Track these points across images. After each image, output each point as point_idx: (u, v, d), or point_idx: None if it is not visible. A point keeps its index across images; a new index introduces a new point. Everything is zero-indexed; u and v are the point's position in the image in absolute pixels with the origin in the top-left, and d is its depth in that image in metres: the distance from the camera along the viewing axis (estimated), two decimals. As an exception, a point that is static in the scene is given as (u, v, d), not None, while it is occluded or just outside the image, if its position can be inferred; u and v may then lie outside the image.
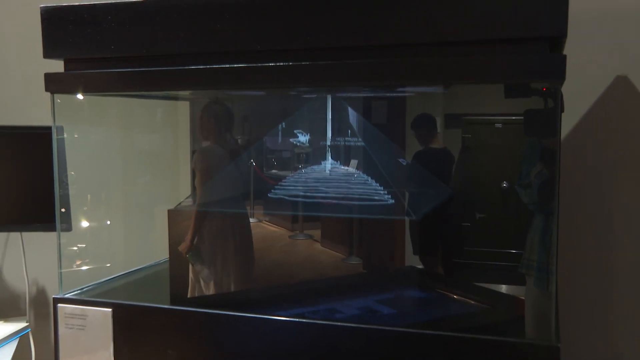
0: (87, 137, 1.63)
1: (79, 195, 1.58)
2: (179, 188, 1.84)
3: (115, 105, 1.65)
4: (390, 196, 1.48)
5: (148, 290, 1.64)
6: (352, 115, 1.59)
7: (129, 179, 1.82)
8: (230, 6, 1.21)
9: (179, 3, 1.25)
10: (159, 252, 1.70)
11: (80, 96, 1.45)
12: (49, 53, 1.38)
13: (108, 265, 1.65)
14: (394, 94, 1.55)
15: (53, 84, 1.38)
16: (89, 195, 1.67)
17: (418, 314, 1.50)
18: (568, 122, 1.68)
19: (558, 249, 1.17)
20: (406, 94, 1.55)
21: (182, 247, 1.52)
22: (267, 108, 1.73)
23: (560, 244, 1.18)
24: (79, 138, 1.57)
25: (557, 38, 1.04)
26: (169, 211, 1.50)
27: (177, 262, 1.51)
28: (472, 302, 1.45)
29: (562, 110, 1.25)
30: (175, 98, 1.81)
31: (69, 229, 1.58)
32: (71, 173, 1.51)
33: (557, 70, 1.04)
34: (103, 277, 1.56)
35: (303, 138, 1.61)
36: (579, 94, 1.64)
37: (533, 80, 1.17)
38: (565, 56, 1.03)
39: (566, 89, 1.22)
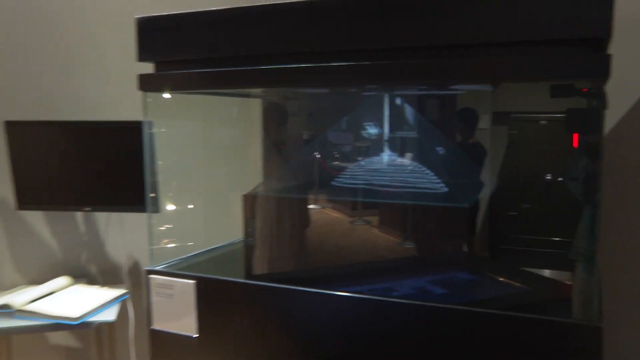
0: (173, 130, 1.65)
1: (166, 182, 1.61)
2: (252, 176, 1.85)
3: (197, 102, 1.67)
4: (442, 185, 1.45)
5: (225, 265, 1.66)
6: (408, 111, 1.57)
7: (209, 168, 1.84)
8: (298, 12, 1.21)
9: (253, 10, 1.26)
10: (234, 232, 1.72)
11: (167, 95, 1.48)
12: (142, 57, 1.40)
13: (191, 243, 1.67)
14: (447, 92, 1.52)
15: (145, 83, 1.41)
16: (174, 182, 1.70)
17: (468, 294, 1.46)
18: (611, 119, 1.60)
19: (601, 237, 1.11)
20: (457, 92, 1.51)
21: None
22: (330, 105, 1.73)
23: (605, 232, 1.12)
24: (166, 132, 1.59)
25: (602, 39, 0.99)
26: (244, 196, 1.51)
27: (252, 241, 1.53)
28: (518, 285, 1.41)
29: (606, 107, 1.19)
30: (249, 96, 1.82)
31: (157, 211, 1.61)
32: (159, 162, 1.53)
33: (602, 69, 0.98)
34: (186, 253, 1.58)
35: (372, 130, 1.59)
36: (622, 92, 1.56)
37: (579, 79, 1.12)
38: (610, 56, 0.97)
39: (609, 86, 1.15)
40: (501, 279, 1.44)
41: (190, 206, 1.79)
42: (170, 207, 1.67)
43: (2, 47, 2.14)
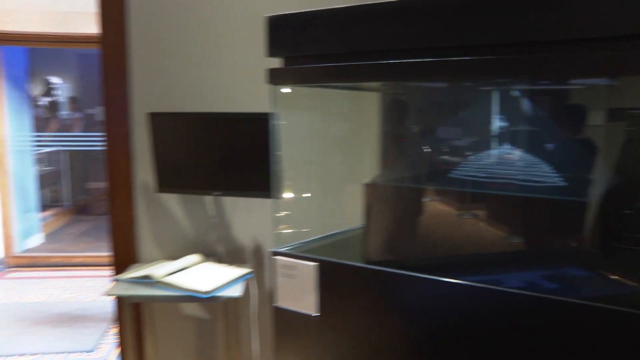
0: (291, 122, 1.67)
1: (284, 171, 1.63)
2: (366, 167, 1.84)
3: (314, 95, 1.68)
4: (553, 180, 1.37)
5: (343, 250, 1.67)
6: (520, 105, 1.50)
7: (324, 158, 1.85)
8: (421, 7, 1.19)
9: (373, 7, 1.25)
10: (350, 220, 1.73)
11: (286, 89, 1.50)
12: (272, 52, 1.43)
13: (306, 230, 1.70)
14: (560, 87, 1.44)
15: (274, 77, 1.44)
16: (292, 171, 1.73)
17: (580, 291, 1.37)
18: None
19: None
20: (570, 87, 1.43)
21: None
22: (445, 99, 1.68)
23: None
24: (285, 124, 1.62)
25: None
26: (365, 184, 1.51)
27: (370, 228, 1.52)
28: (633, 284, 1.29)
29: None
30: (366, 89, 1.81)
31: (279, 197, 1.65)
32: (279, 152, 1.57)
33: None
34: (303, 238, 1.60)
35: (486, 124, 1.53)
36: None
37: None
38: None
39: None
40: (614, 277, 1.33)
41: (307, 195, 1.82)
42: (291, 194, 1.70)
43: (147, 48, 2.29)
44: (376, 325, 1.33)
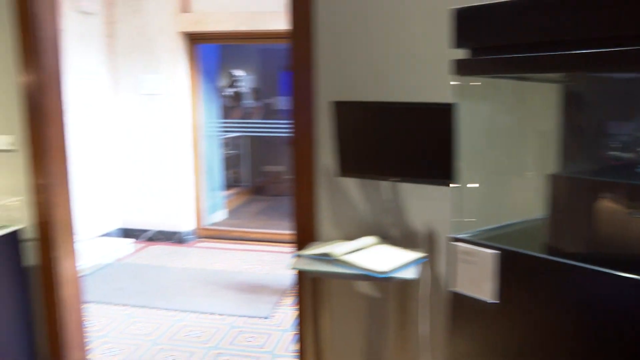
0: (467, 112, 1.67)
1: (460, 160, 1.64)
2: (542, 159, 1.78)
3: (489, 86, 1.66)
4: None
5: (521, 240, 1.65)
6: None
7: (498, 149, 1.82)
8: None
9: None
10: (522, 210, 1.69)
11: (455, 81, 1.50)
12: (459, 44, 1.46)
13: (473, 219, 1.69)
14: None
15: (461, 68, 1.46)
16: (466, 161, 1.73)
17: None
18: None
19: None
20: None
21: None
22: (628, 90, 1.56)
23: None
24: (461, 114, 1.62)
25: None
26: (551, 176, 1.48)
27: (557, 220, 1.48)
28: None
29: None
30: (538, 80, 1.75)
31: (457, 186, 1.67)
32: (457, 142, 1.58)
33: None
34: (475, 227, 1.60)
35: None
36: None
37: None
38: None
39: None
40: None
41: (478, 184, 1.81)
42: (467, 183, 1.71)
43: (331, 42, 2.43)
44: (553, 317, 1.30)
